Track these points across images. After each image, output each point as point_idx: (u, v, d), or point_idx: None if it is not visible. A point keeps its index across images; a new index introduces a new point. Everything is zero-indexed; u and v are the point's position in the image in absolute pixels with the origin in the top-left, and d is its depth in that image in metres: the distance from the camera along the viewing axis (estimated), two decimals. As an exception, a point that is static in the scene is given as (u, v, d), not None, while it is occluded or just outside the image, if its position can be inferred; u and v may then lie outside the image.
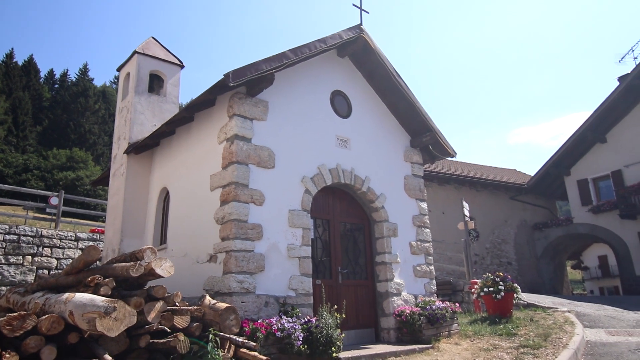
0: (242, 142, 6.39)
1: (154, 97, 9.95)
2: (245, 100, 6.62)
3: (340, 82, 8.13)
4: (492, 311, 8.63)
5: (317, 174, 7.14)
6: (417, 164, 8.92)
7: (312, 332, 5.37)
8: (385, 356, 6.01)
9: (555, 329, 7.38)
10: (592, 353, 6.34)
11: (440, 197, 19.41)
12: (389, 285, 7.51)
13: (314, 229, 7.25)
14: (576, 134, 20.45)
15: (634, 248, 18.67)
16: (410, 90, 8.45)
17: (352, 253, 7.73)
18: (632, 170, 18.97)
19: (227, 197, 6.20)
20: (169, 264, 4.72)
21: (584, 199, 20.72)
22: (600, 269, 38.14)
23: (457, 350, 6.44)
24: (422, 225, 8.49)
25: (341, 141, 7.73)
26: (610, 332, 7.73)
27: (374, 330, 7.48)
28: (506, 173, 25.29)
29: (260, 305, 5.90)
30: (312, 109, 7.50)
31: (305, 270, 6.49)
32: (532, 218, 22.85)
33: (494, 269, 19.56)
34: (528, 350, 6.19)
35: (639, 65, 18.58)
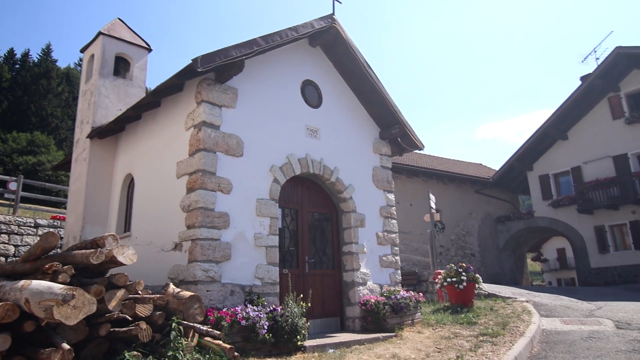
0: (210, 129, 6.29)
1: (119, 80, 9.66)
2: (214, 86, 6.51)
3: (311, 72, 8.10)
4: (455, 301, 8.87)
5: (286, 164, 7.12)
6: (386, 156, 9.01)
7: (278, 320, 5.39)
8: (350, 344, 6.09)
9: (514, 318, 7.65)
10: (547, 341, 6.61)
11: (409, 189, 19.71)
12: (355, 275, 7.60)
13: (282, 219, 7.24)
14: (539, 130, 21.11)
15: (590, 242, 19.51)
16: (381, 82, 8.50)
17: (320, 243, 7.77)
18: (591, 166, 19.75)
19: (193, 184, 6.10)
20: (131, 252, 4.63)
21: (545, 194, 21.47)
22: (559, 261, 39.72)
23: (419, 339, 6.60)
24: (389, 217, 8.60)
25: (311, 131, 7.72)
26: (564, 321, 8.07)
27: (339, 319, 7.56)
28: (472, 167, 25.88)
29: (226, 294, 5.87)
30: (283, 97, 7.45)
31: (272, 259, 6.48)
32: (495, 211, 23.53)
33: (458, 260, 20.08)
34: (487, 338, 6.40)
35: (600, 66, 19.26)
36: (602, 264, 18.94)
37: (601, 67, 19.16)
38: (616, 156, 18.96)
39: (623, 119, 18.96)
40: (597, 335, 6.72)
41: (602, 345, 6.10)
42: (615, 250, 18.75)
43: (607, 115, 19.57)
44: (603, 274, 18.80)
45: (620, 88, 19.28)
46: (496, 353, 5.59)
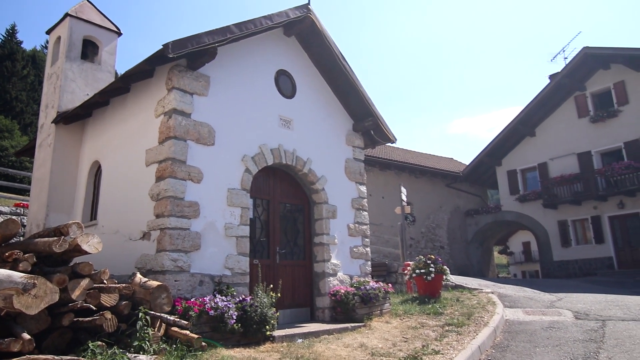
0: (181, 116, 6.18)
1: (87, 64, 9.36)
2: (185, 73, 6.38)
3: (285, 62, 8.04)
4: (423, 292, 9.04)
5: (258, 154, 7.07)
6: (359, 148, 9.06)
7: (247, 310, 5.38)
8: (319, 334, 6.14)
9: (479, 309, 7.86)
10: (510, 331, 6.83)
11: (381, 182, 19.90)
12: (325, 266, 7.64)
13: (254, 209, 7.20)
14: (508, 127, 21.61)
15: (554, 235, 20.19)
16: (355, 74, 8.52)
17: (291, 233, 7.77)
18: (556, 163, 20.38)
19: (163, 173, 6.00)
20: (96, 240, 4.52)
21: (512, 189, 22.06)
22: (524, 254, 40.98)
23: (387, 329, 6.71)
24: (360, 208, 8.67)
25: (284, 121, 7.68)
26: (527, 311, 8.35)
27: (309, 310, 7.61)
28: (444, 161, 26.32)
29: (195, 284, 5.81)
30: (256, 87, 7.38)
31: (242, 249, 6.45)
32: (465, 205, 24.04)
33: (428, 252, 20.44)
34: (452, 328, 6.57)
35: (568, 65, 19.83)
36: (564, 257, 19.64)
37: (569, 66, 19.74)
38: (580, 153, 19.63)
39: (588, 118, 19.61)
40: (557, 325, 6.98)
41: (561, 335, 6.34)
42: (577, 244, 19.47)
43: (573, 113, 20.20)
44: (565, 266, 19.51)
45: (587, 87, 19.91)
46: (460, 342, 5.74)
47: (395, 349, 5.47)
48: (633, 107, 18.35)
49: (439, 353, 5.26)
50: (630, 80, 18.55)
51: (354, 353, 5.20)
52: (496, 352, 5.65)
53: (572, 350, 5.56)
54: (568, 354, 5.38)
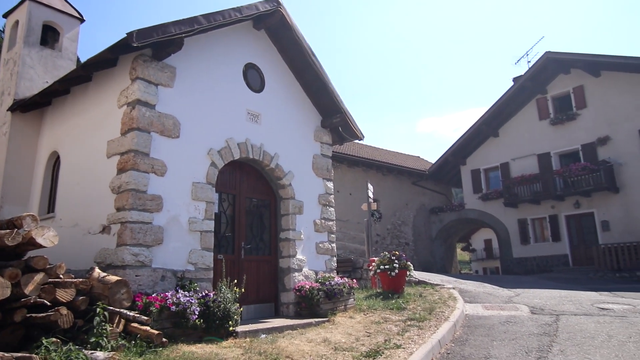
0: (145, 108, 6.03)
1: (47, 51, 9.00)
2: (150, 63, 6.22)
3: (254, 55, 7.96)
4: (387, 287, 9.18)
5: (224, 147, 6.98)
6: (327, 144, 9.09)
7: (210, 306, 5.32)
8: (283, 329, 6.14)
9: (440, 304, 8.05)
10: (469, 325, 7.02)
11: (349, 179, 20.04)
12: (291, 262, 7.64)
13: (219, 204, 7.12)
14: (473, 127, 22.17)
15: (513, 233, 20.88)
16: (324, 71, 8.53)
17: (257, 229, 7.73)
18: (518, 163, 21.06)
19: (125, 165, 5.83)
20: (52, 233, 4.36)
21: (476, 187, 22.66)
22: (485, 251, 42.20)
23: (351, 324, 6.78)
24: (327, 204, 8.71)
25: (252, 116, 7.61)
26: (486, 306, 8.60)
27: (273, 305, 7.59)
28: (410, 159, 26.74)
29: (156, 279, 5.70)
30: (224, 80, 7.27)
31: (206, 244, 6.37)
32: (430, 202, 24.52)
33: (393, 248, 20.75)
34: (414, 322, 6.70)
35: (531, 69, 20.48)
36: (523, 254, 20.35)
37: (531, 70, 20.40)
38: (540, 154, 20.35)
39: (548, 120, 20.34)
40: (514, 320, 7.22)
41: (517, 329, 6.57)
42: (535, 241, 20.20)
43: (534, 115, 20.91)
44: (524, 263, 20.22)
45: (548, 91, 20.64)
46: (421, 337, 5.86)
47: (358, 344, 5.53)
48: (590, 111, 19.15)
49: (401, 347, 5.35)
50: (589, 85, 19.33)
51: (317, 348, 5.23)
52: (455, 346, 5.80)
53: (527, 343, 5.77)
54: (523, 347, 5.58)
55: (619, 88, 18.41)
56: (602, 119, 18.71)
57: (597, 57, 18.44)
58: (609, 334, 6.16)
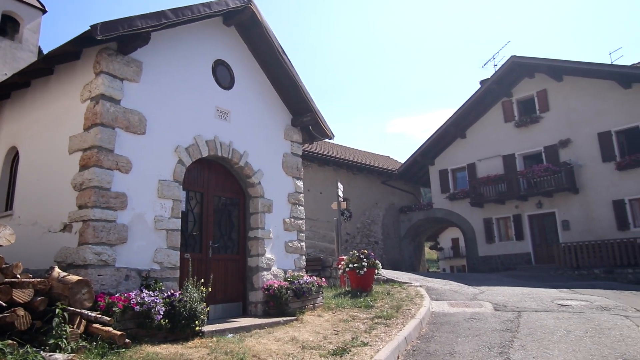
0: (109, 103, 5.86)
1: (6, 42, 8.63)
2: (115, 57, 6.06)
3: (224, 52, 7.86)
4: (355, 285, 9.25)
5: (192, 145, 6.87)
6: (297, 143, 9.07)
7: (175, 306, 5.23)
8: (250, 329, 6.10)
9: (407, 302, 8.17)
10: (435, 322, 7.16)
11: (319, 178, 20.08)
12: (259, 260, 7.60)
13: (186, 202, 7.00)
14: (441, 128, 22.59)
15: (479, 232, 21.39)
16: (295, 69, 8.51)
17: (225, 227, 7.65)
18: (484, 164, 21.59)
19: (87, 161, 5.66)
20: (8, 232, 4.20)
21: (444, 187, 23.10)
22: (453, 250, 43.14)
23: (319, 322, 6.79)
24: (296, 203, 8.70)
25: (221, 113, 7.52)
26: (452, 304, 8.78)
27: (241, 304, 7.53)
28: (380, 159, 27.02)
29: (120, 278, 5.55)
30: (192, 76, 7.16)
31: (172, 243, 6.25)
32: (399, 202, 24.86)
33: (363, 247, 20.90)
34: (381, 320, 6.78)
35: (497, 72, 21.02)
36: (488, 253, 20.89)
37: (498, 73, 20.94)
38: (505, 155, 20.92)
39: (513, 122, 20.92)
40: (478, 317, 7.40)
41: (481, 326, 6.74)
42: (500, 240, 20.76)
43: (500, 118, 21.48)
44: (489, 261, 20.75)
45: (513, 94, 21.23)
46: (388, 334, 5.93)
47: (325, 342, 5.55)
48: (553, 115, 19.81)
49: (368, 345, 5.40)
50: (552, 89, 20.00)
51: (284, 347, 5.22)
52: (421, 343, 5.90)
53: (490, 339, 5.93)
54: (486, 343, 5.73)
55: (580, 92, 19.12)
56: (564, 122, 19.39)
57: (559, 62, 19.09)
58: (567, 329, 6.39)
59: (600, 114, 18.41)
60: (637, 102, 17.59)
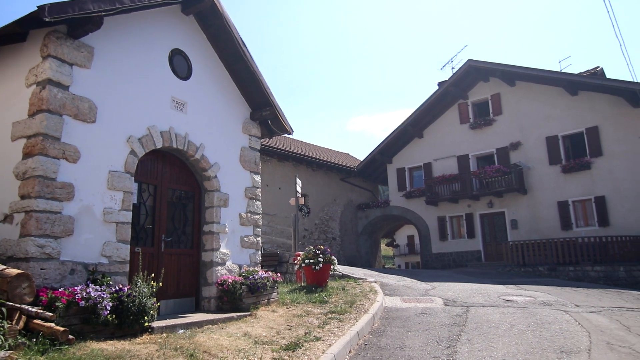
0: (57, 88, 5.58)
1: (-58, 18, 8.03)
2: (65, 41, 5.77)
3: (182, 42, 7.66)
4: (311, 281, 9.29)
5: (146, 135, 6.66)
6: (255, 137, 8.98)
7: (123, 301, 5.06)
8: (202, 324, 6.01)
9: (361, 297, 8.29)
10: (387, 317, 7.30)
11: (279, 173, 20.01)
12: (214, 255, 7.48)
13: (138, 194, 6.79)
14: (400, 127, 23.01)
15: (433, 230, 21.99)
16: (255, 62, 8.41)
17: (180, 221, 7.48)
18: (439, 163, 22.18)
19: (32, 149, 5.37)
20: (-60, 222, 3.92)
21: (400, 185, 23.56)
22: (408, 247, 44.14)
23: (273, 317, 6.78)
24: (253, 198, 8.62)
25: (177, 104, 7.33)
26: (404, 299, 8.99)
27: (194, 300, 7.40)
28: (340, 156, 27.23)
29: (65, 272, 5.32)
30: (148, 64, 6.93)
31: (122, 236, 6.04)
32: (357, 199, 25.14)
33: (321, 243, 21.03)
34: (335, 315, 6.84)
35: (454, 75, 21.61)
36: (441, 250, 21.51)
37: (455, 76, 21.53)
38: (460, 156, 21.57)
39: (468, 124, 21.60)
40: (429, 312, 7.61)
41: (431, 320, 6.93)
42: (452, 238, 21.42)
43: (456, 119, 22.11)
44: (441, 258, 21.37)
45: (469, 96, 21.90)
46: (341, 329, 6.00)
47: (278, 337, 5.55)
48: (505, 118, 20.59)
49: (320, 340, 5.44)
50: (505, 93, 20.77)
51: (236, 342, 5.17)
52: (373, 337, 6.01)
53: (439, 333, 6.11)
54: (435, 337, 5.90)
55: (530, 97, 19.97)
56: (515, 126, 20.20)
57: (513, 67, 19.85)
58: (511, 323, 6.69)
59: (549, 119, 19.31)
60: (582, 108, 18.57)
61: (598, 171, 17.89)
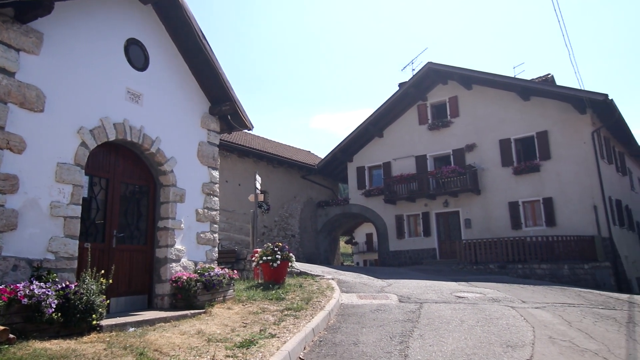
0: (1, 75, 5.28)
1: None
2: (11, 25, 5.47)
3: (139, 31, 7.42)
4: (268, 278, 9.26)
5: (98, 127, 6.41)
6: (214, 132, 8.84)
7: (70, 299, 4.86)
8: (154, 322, 5.86)
9: (318, 294, 8.33)
10: (343, 314, 7.38)
11: (239, 169, 19.81)
12: (168, 252, 7.32)
13: (89, 188, 6.54)
14: (361, 126, 23.27)
15: (391, 228, 22.39)
16: (215, 56, 8.27)
17: (133, 216, 7.26)
18: (398, 163, 22.60)
19: (-28, 138, 5.07)
20: None
21: (360, 184, 23.85)
22: (367, 245, 44.78)
23: (228, 315, 6.71)
24: (211, 193, 8.49)
25: (132, 95, 7.10)
26: (360, 296, 9.11)
27: (147, 297, 7.21)
28: (301, 153, 27.23)
29: (7, 269, 5.05)
30: (102, 53, 6.67)
31: (71, 231, 5.80)
32: (317, 196, 25.24)
33: (280, 240, 20.96)
34: (291, 312, 6.85)
35: (414, 77, 22.05)
36: (398, 248, 21.94)
37: (415, 77, 21.98)
38: (418, 156, 22.06)
39: (427, 125, 22.11)
40: (383, 308, 7.75)
41: (386, 317, 7.06)
42: (409, 236, 21.89)
43: (415, 120, 22.58)
44: (398, 256, 21.80)
45: (428, 98, 22.41)
46: (297, 326, 6.01)
47: (233, 334, 5.49)
48: (462, 120, 21.22)
49: (275, 337, 5.43)
50: (462, 96, 21.39)
51: (189, 340, 5.09)
52: (328, 334, 6.05)
53: (393, 329, 6.23)
54: (388, 333, 6.02)
55: (486, 101, 20.66)
56: (471, 128, 20.85)
57: (470, 71, 20.47)
58: (461, 319, 6.91)
59: (502, 123, 20.05)
60: (534, 113, 19.40)
61: (547, 174, 18.74)
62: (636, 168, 25.34)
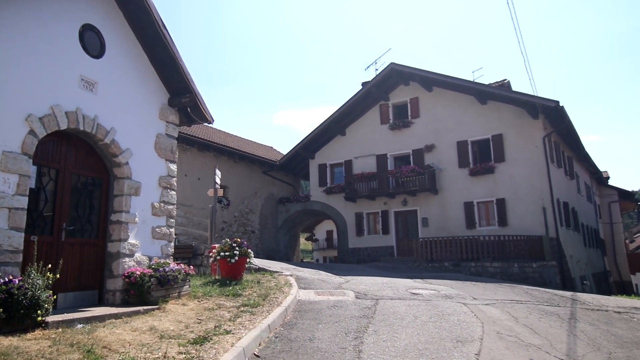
0: (-59, 56, 4.97)
1: None
2: (-47, 3, 5.15)
3: (96, 17, 7.14)
4: (225, 274, 9.15)
5: (48, 115, 6.13)
6: (173, 124, 8.64)
7: (13, 294, 4.64)
8: (104, 318, 5.68)
9: (275, 290, 8.32)
10: (300, 310, 7.40)
11: (198, 163, 19.46)
12: (121, 246, 7.10)
13: (37, 178, 6.24)
14: (324, 124, 23.36)
15: (351, 225, 22.62)
16: (175, 46, 8.07)
17: (84, 209, 6.99)
18: (359, 161, 22.83)
19: None
20: None
21: (322, 181, 23.94)
22: (327, 241, 45.04)
23: (182, 311, 6.59)
24: (168, 187, 8.30)
25: (87, 83, 6.83)
26: (318, 292, 9.15)
27: (97, 293, 6.97)
28: (263, 149, 27.03)
29: (-57, 262, 4.77)
30: (55, 38, 6.38)
31: (16, 223, 5.53)
32: (279, 192, 25.15)
33: (239, 236, 20.81)
34: (248, 308, 6.80)
35: (377, 76, 22.33)
36: (357, 245, 22.20)
37: (378, 77, 22.25)
38: (379, 155, 22.37)
39: (388, 125, 22.44)
40: (340, 304, 7.82)
41: (342, 313, 7.14)
42: (368, 233, 22.18)
43: (377, 119, 22.88)
44: (357, 253, 22.06)
45: (390, 98, 22.75)
46: (252, 322, 5.98)
47: (186, 331, 5.41)
48: (422, 121, 21.67)
49: (230, 333, 5.38)
50: (423, 98, 21.84)
51: (141, 337, 4.97)
52: (284, 330, 6.06)
53: (348, 325, 6.31)
54: (344, 329, 6.09)
55: (445, 103, 21.19)
56: (431, 129, 21.33)
57: (431, 74, 20.92)
58: (415, 315, 7.08)
59: (460, 125, 20.62)
60: (490, 117, 20.06)
61: (500, 175, 19.45)
62: (583, 172, 26.69)
